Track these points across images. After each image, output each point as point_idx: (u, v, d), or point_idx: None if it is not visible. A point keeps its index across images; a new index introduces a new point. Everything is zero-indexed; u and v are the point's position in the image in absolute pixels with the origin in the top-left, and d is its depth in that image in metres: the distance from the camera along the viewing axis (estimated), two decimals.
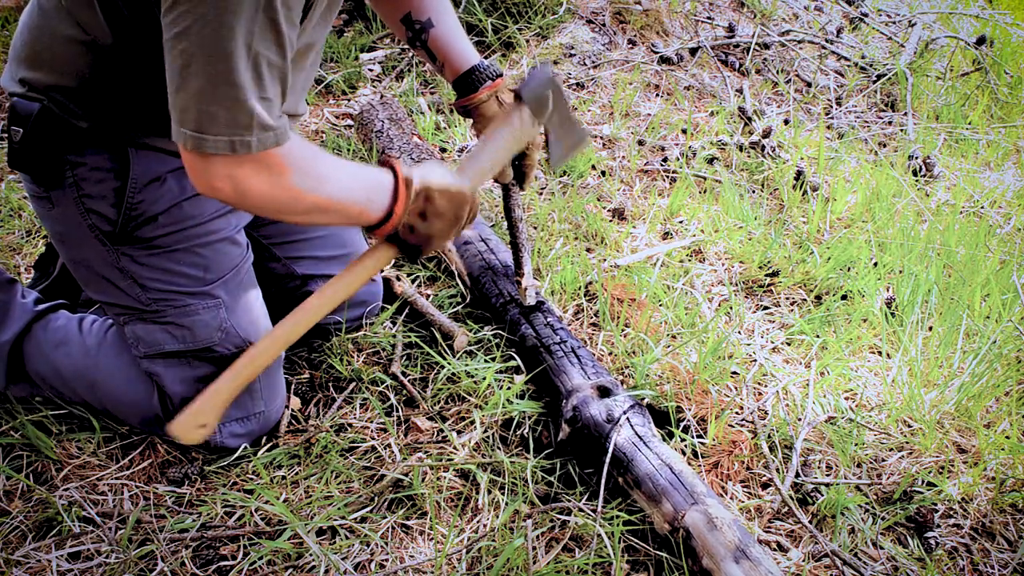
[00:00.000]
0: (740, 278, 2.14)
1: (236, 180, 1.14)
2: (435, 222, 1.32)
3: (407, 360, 1.78)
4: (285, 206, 1.20)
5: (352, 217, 1.27)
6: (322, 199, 1.21)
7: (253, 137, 1.11)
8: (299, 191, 1.18)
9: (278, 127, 1.14)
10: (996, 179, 2.78)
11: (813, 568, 1.39)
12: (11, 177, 2.41)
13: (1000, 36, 3.65)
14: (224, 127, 1.09)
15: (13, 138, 1.32)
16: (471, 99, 1.61)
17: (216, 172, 1.13)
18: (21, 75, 1.32)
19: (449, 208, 1.33)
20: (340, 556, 1.36)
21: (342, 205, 1.24)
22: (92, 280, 1.45)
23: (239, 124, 1.10)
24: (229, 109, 1.08)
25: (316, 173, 1.20)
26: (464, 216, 1.36)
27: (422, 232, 1.32)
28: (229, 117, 1.09)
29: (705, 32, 3.40)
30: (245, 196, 1.16)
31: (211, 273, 1.46)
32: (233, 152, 1.11)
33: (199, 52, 1.05)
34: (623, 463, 1.42)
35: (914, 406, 1.71)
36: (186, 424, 1.31)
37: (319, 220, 1.26)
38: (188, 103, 1.08)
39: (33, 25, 1.31)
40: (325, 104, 2.94)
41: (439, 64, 1.64)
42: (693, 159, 2.66)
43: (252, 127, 1.10)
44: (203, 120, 1.08)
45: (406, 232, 1.31)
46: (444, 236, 1.35)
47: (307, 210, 1.22)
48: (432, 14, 1.61)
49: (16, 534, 1.38)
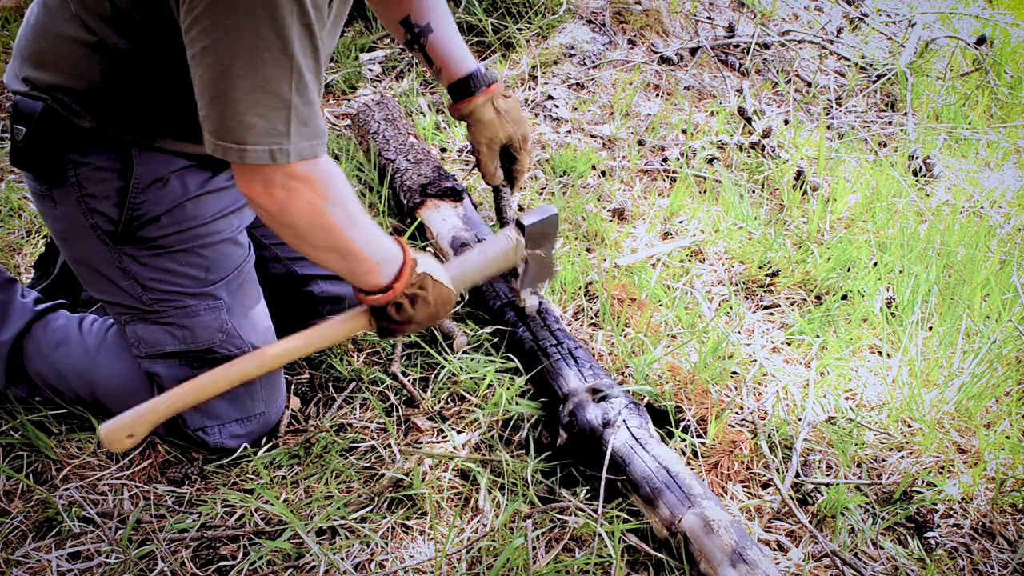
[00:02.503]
0: (740, 278, 2.14)
1: (287, 191, 1.15)
2: (420, 309, 1.36)
3: (407, 360, 1.78)
4: (317, 233, 1.21)
5: (358, 271, 1.29)
6: (346, 240, 1.23)
7: (291, 145, 1.12)
8: (332, 222, 1.20)
9: (316, 136, 1.15)
10: (996, 179, 2.78)
11: (813, 568, 1.39)
12: (11, 177, 2.41)
13: (1000, 36, 3.65)
14: (263, 136, 1.10)
15: (16, 137, 1.32)
16: (468, 102, 1.63)
17: (263, 180, 1.14)
18: (25, 73, 1.32)
19: (436, 301, 1.38)
20: (340, 556, 1.36)
21: (359, 256, 1.26)
22: (93, 279, 1.45)
23: (278, 132, 1.10)
24: (267, 118, 1.09)
25: (350, 211, 1.22)
26: (442, 313, 1.41)
27: (407, 314, 1.35)
28: (268, 126, 1.10)
29: (705, 32, 3.40)
30: (287, 211, 1.17)
31: (213, 274, 1.46)
32: (273, 161, 1.11)
33: (233, 63, 1.05)
34: (620, 467, 1.42)
35: (914, 406, 1.71)
36: (116, 430, 1.27)
37: (330, 260, 1.27)
38: (225, 115, 1.09)
39: (38, 24, 1.31)
40: (325, 104, 2.95)
41: (436, 69, 1.65)
42: (693, 159, 2.66)
43: (290, 135, 1.11)
44: (242, 131, 1.09)
45: (393, 310, 1.34)
46: (421, 324, 1.40)
47: (329, 246, 1.23)
48: (431, 19, 1.62)
49: (16, 534, 1.38)
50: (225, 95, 1.08)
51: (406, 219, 2.20)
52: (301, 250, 1.26)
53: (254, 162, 1.11)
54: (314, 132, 1.15)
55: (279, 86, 1.09)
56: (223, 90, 1.08)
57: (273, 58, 1.06)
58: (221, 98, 1.08)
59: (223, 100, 1.08)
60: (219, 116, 1.10)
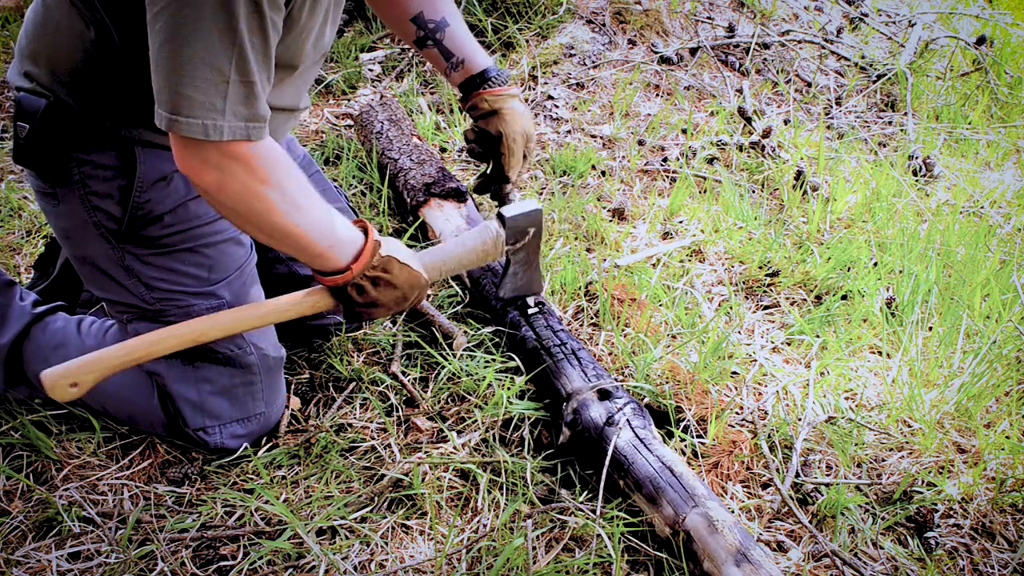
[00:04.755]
0: (740, 278, 2.14)
1: (221, 171, 1.14)
2: (385, 292, 1.35)
3: (407, 360, 1.78)
4: (255, 216, 1.19)
5: (310, 256, 1.28)
6: (290, 224, 1.21)
7: (225, 123, 1.10)
8: (272, 205, 1.18)
9: (255, 120, 1.13)
10: (996, 179, 2.78)
11: (813, 568, 1.39)
12: (11, 177, 2.41)
13: (1000, 36, 3.65)
14: (198, 109, 1.08)
15: (19, 134, 1.32)
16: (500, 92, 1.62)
17: (198, 157, 1.13)
18: (27, 70, 1.32)
19: (403, 284, 1.36)
20: (340, 556, 1.36)
21: (307, 240, 1.24)
22: (96, 278, 1.45)
23: (214, 108, 1.09)
24: (204, 91, 1.08)
25: (292, 195, 1.21)
26: (412, 297, 1.40)
27: (370, 296, 1.34)
28: (204, 100, 1.08)
29: (705, 32, 3.40)
30: (223, 190, 1.16)
31: (215, 273, 1.46)
32: (206, 137, 1.10)
33: (177, 32, 1.05)
34: (623, 466, 1.42)
35: (914, 406, 1.71)
36: (59, 377, 1.24)
37: (279, 245, 1.26)
38: (164, 83, 1.08)
39: (38, 21, 1.31)
40: (325, 104, 2.94)
41: (456, 60, 1.64)
42: (693, 159, 2.66)
43: (225, 112, 1.10)
44: (179, 101, 1.08)
45: (354, 291, 1.32)
46: (388, 308, 1.38)
47: (273, 230, 1.21)
48: (445, 13, 1.62)
49: (16, 534, 1.38)
50: (167, 64, 1.07)
51: (408, 218, 2.20)
52: (246, 232, 1.24)
53: (187, 135, 1.10)
54: (253, 114, 1.13)
55: (219, 61, 1.07)
56: (165, 58, 1.07)
57: (217, 31, 1.05)
58: (163, 66, 1.08)
59: (164, 68, 1.07)
60: (160, 85, 1.09)
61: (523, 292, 1.70)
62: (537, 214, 1.57)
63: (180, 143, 1.13)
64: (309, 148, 2.59)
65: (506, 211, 1.54)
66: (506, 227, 1.54)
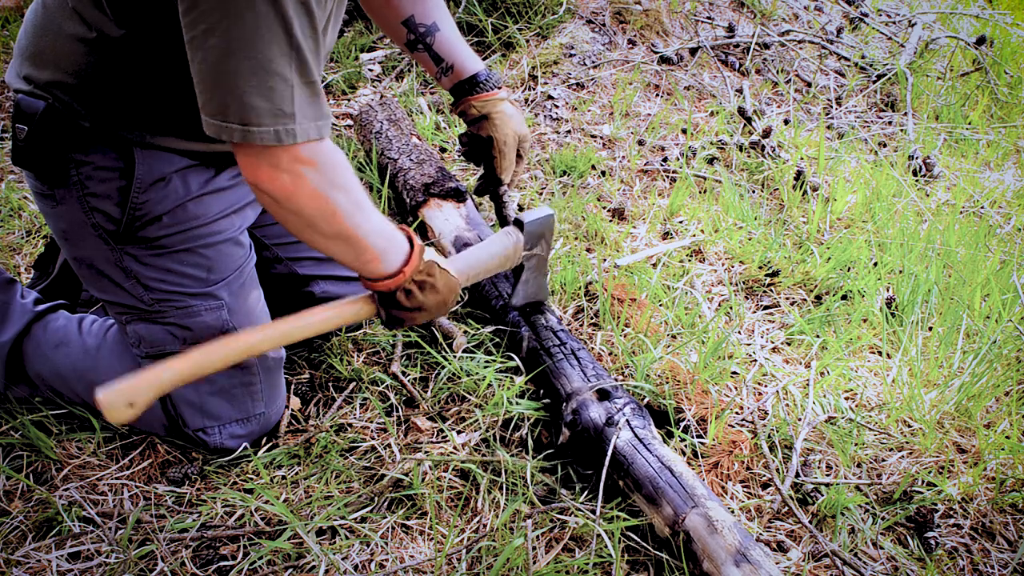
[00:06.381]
0: (740, 278, 2.14)
1: (293, 175, 1.15)
2: (431, 296, 1.36)
3: (407, 360, 1.78)
4: (324, 219, 1.20)
5: (365, 260, 1.28)
6: (351, 228, 1.22)
7: (297, 126, 1.11)
8: (337, 208, 1.19)
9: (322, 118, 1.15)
10: (996, 179, 2.78)
11: (813, 568, 1.39)
12: (11, 177, 2.41)
13: (1000, 36, 3.65)
14: (267, 117, 1.09)
15: (18, 136, 1.32)
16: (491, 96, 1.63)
17: (269, 163, 1.14)
18: (26, 72, 1.32)
19: (444, 288, 1.38)
20: (340, 556, 1.36)
21: (365, 243, 1.25)
22: (95, 279, 1.45)
23: (282, 113, 1.10)
24: (270, 99, 1.09)
25: (356, 197, 1.22)
26: (451, 301, 1.41)
27: (417, 300, 1.34)
28: (271, 107, 1.09)
29: (705, 32, 3.39)
30: (295, 195, 1.16)
31: (214, 274, 1.46)
32: (279, 142, 1.11)
33: (234, 45, 1.05)
34: (623, 466, 1.42)
35: (914, 406, 1.71)
36: (116, 396, 1.20)
37: (335, 249, 1.26)
38: (228, 96, 1.08)
39: (37, 23, 1.31)
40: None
41: (446, 65, 1.64)
42: (693, 159, 2.66)
43: (296, 115, 1.11)
44: (247, 113, 1.09)
45: (403, 295, 1.33)
46: (431, 312, 1.39)
47: (334, 234, 1.22)
48: (436, 18, 1.63)
49: (16, 534, 1.38)
50: (227, 76, 1.07)
51: (407, 218, 2.20)
52: (306, 238, 1.24)
53: (260, 143, 1.10)
54: (319, 113, 1.15)
55: (281, 66, 1.08)
56: (224, 71, 1.07)
57: (273, 38, 1.06)
58: (223, 80, 1.08)
59: (225, 82, 1.08)
60: (221, 98, 1.09)
61: (533, 298, 1.72)
62: (550, 219, 1.60)
63: (251, 153, 1.13)
64: None
65: (524, 217, 1.57)
66: (524, 232, 1.56)
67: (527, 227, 1.56)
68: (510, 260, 1.58)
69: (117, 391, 1.20)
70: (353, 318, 1.38)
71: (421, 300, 1.35)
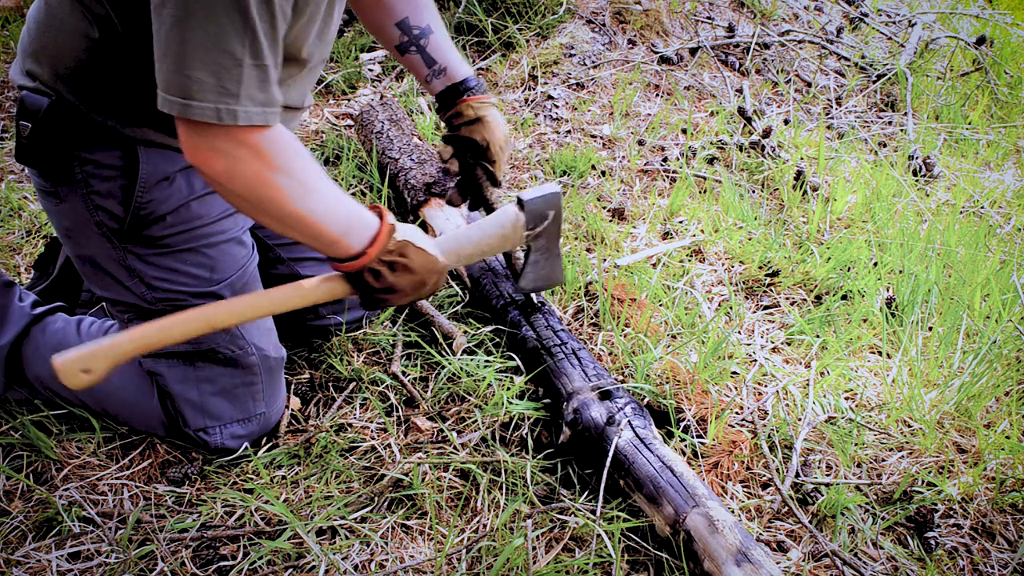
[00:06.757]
0: (740, 278, 2.14)
1: (229, 158, 1.12)
2: (402, 277, 1.32)
3: (407, 360, 1.78)
4: (266, 204, 1.18)
5: (324, 242, 1.26)
6: (300, 211, 1.19)
7: (240, 107, 1.09)
8: (281, 193, 1.17)
9: (270, 104, 1.12)
10: (996, 179, 2.78)
11: (813, 568, 1.39)
12: (11, 177, 2.41)
13: (1000, 36, 3.65)
14: (210, 93, 1.07)
15: (22, 133, 1.32)
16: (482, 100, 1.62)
17: (207, 144, 1.12)
18: (29, 68, 1.32)
19: (420, 268, 1.33)
20: (340, 556, 1.36)
21: (320, 226, 1.22)
22: (97, 277, 1.44)
23: (227, 91, 1.08)
24: (217, 75, 1.07)
25: (304, 180, 1.19)
26: (430, 282, 1.37)
27: (388, 281, 1.31)
28: (216, 83, 1.07)
29: (705, 32, 3.40)
30: (233, 178, 1.14)
31: (217, 274, 1.46)
32: (219, 121, 1.09)
33: (187, 15, 1.04)
34: (624, 465, 1.42)
35: (914, 406, 1.71)
36: (72, 363, 1.20)
37: (293, 232, 1.24)
38: (174, 68, 1.07)
39: (40, 19, 1.31)
40: (325, 104, 2.94)
41: (439, 68, 1.64)
42: (693, 159, 2.66)
43: (239, 96, 1.09)
44: (190, 86, 1.07)
45: (371, 277, 1.30)
46: (406, 294, 1.35)
47: (286, 216, 1.20)
48: (429, 21, 1.62)
49: (16, 534, 1.38)
50: (176, 48, 1.06)
51: (408, 218, 2.20)
52: (259, 221, 1.22)
53: (199, 119, 1.08)
54: (267, 98, 1.12)
55: (231, 43, 1.06)
56: (175, 43, 1.06)
57: (228, 14, 1.04)
58: (172, 51, 1.06)
59: (174, 53, 1.06)
60: (169, 70, 1.07)
61: (544, 282, 1.62)
62: (556, 197, 1.50)
63: (188, 129, 1.11)
64: (309, 148, 2.59)
65: (525, 195, 1.48)
66: (525, 211, 1.47)
67: (528, 205, 1.47)
68: (510, 240, 1.49)
69: (73, 358, 1.20)
70: (327, 296, 1.34)
71: (392, 281, 1.31)
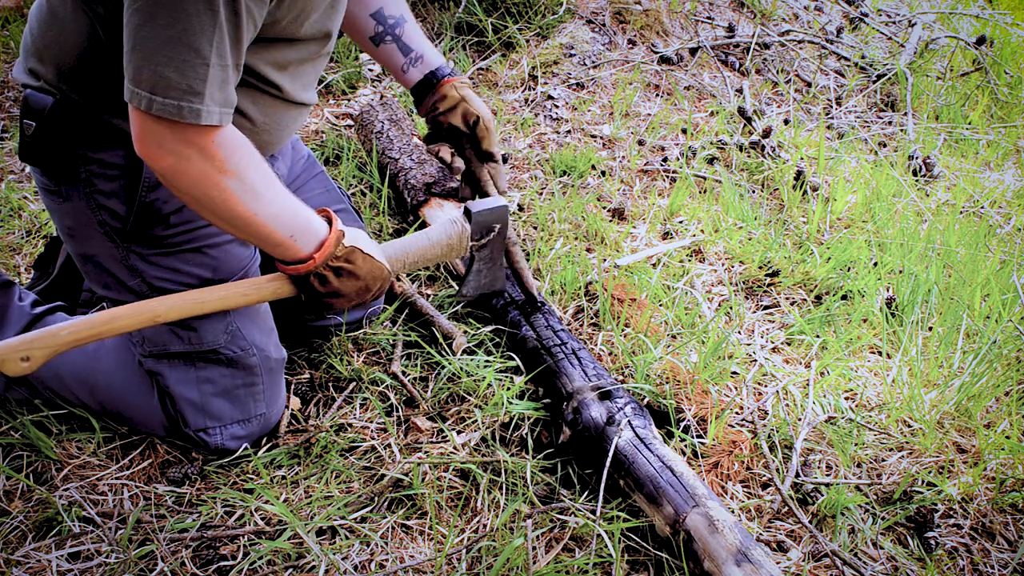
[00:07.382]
0: (740, 278, 2.14)
1: (179, 156, 1.13)
2: (348, 282, 1.35)
3: (407, 360, 1.78)
4: (211, 204, 1.19)
5: (271, 244, 1.28)
6: (248, 212, 1.21)
7: (203, 106, 1.10)
8: (229, 195, 1.18)
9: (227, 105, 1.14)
10: (996, 179, 2.78)
11: (813, 568, 1.39)
12: (11, 177, 2.41)
13: (1000, 36, 3.65)
14: (174, 91, 1.08)
15: (26, 131, 1.32)
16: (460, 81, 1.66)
17: (157, 141, 1.13)
18: (32, 67, 1.32)
19: (366, 275, 1.37)
20: (340, 556, 1.36)
21: (267, 229, 1.24)
22: (99, 276, 1.44)
23: (191, 90, 1.09)
24: (183, 73, 1.08)
25: (252, 184, 1.20)
26: (375, 288, 1.40)
27: (332, 286, 1.34)
28: (182, 82, 1.08)
29: (705, 32, 3.39)
30: (179, 176, 1.16)
31: (219, 274, 1.46)
32: (180, 119, 1.10)
33: (157, 11, 1.05)
34: (624, 465, 1.42)
35: (914, 406, 1.71)
36: (11, 350, 1.22)
37: (239, 233, 1.26)
38: (143, 63, 1.08)
39: (43, 18, 1.31)
40: (325, 104, 2.94)
41: (415, 56, 1.65)
42: (693, 159, 2.66)
43: (204, 96, 1.10)
44: (157, 81, 1.08)
45: (316, 281, 1.33)
46: (350, 299, 1.38)
47: (231, 217, 1.21)
48: (402, 10, 1.65)
49: (16, 534, 1.38)
50: (144, 43, 1.07)
51: (408, 217, 2.20)
52: (205, 219, 1.24)
53: (161, 115, 1.09)
54: (226, 99, 1.14)
55: (199, 42, 1.07)
56: (143, 37, 1.07)
57: (196, 12, 1.06)
58: (141, 46, 1.07)
59: (142, 48, 1.07)
60: (137, 63, 1.08)
61: (486, 290, 1.69)
62: (503, 211, 1.57)
63: (142, 122, 1.12)
64: (309, 148, 2.59)
65: (473, 206, 1.54)
66: (472, 222, 1.54)
67: (475, 217, 1.53)
68: (455, 250, 1.55)
69: (12, 345, 1.22)
70: (271, 295, 1.37)
71: (337, 286, 1.34)
